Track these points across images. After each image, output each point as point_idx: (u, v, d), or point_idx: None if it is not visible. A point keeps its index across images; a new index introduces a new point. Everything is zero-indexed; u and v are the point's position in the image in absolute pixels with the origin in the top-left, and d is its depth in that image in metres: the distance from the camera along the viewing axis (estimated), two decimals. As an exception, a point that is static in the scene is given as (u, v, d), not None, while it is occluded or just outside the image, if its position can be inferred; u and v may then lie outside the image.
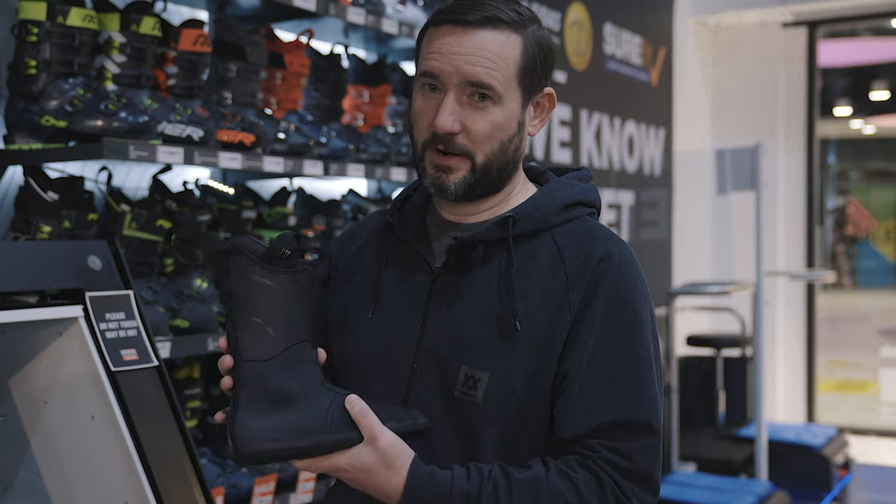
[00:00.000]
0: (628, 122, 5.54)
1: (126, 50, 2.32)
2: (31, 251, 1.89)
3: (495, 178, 1.48)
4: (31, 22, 2.18)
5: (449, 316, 1.47)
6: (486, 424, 1.43)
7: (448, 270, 1.49)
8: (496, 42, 1.43)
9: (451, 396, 1.44)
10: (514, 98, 1.46)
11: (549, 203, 1.50)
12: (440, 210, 1.56)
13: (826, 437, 5.53)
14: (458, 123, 1.43)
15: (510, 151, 1.48)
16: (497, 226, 1.47)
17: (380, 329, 1.52)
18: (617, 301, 1.44)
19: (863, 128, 8.48)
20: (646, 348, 1.45)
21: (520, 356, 1.42)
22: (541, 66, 1.48)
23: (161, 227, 2.39)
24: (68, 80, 2.23)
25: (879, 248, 8.31)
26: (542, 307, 1.43)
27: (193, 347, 2.33)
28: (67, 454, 1.89)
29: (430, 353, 1.47)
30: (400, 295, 1.52)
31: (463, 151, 1.44)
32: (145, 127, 2.24)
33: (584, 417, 1.40)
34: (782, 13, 6.40)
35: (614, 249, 1.48)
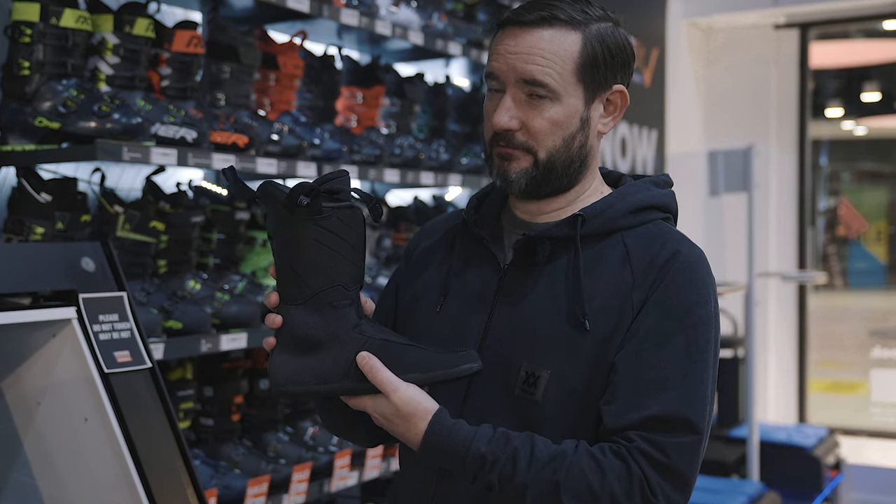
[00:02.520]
0: (621, 124, 5.55)
1: (119, 51, 2.32)
2: (24, 252, 1.89)
3: (560, 175, 1.49)
4: (25, 23, 2.19)
5: (514, 313, 1.48)
6: (546, 422, 1.44)
7: (515, 267, 1.51)
8: (552, 40, 1.45)
9: (511, 393, 1.45)
10: (575, 94, 1.47)
11: (619, 204, 1.50)
12: (514, 209, 1.57)
13: (817, 438, 5.54)
14: (515, 120, 1.46)
15: (574, 148, 1.48)
16: (565, 223, 1.49)
17: (446, 324, 1.54)
18: (676, 299, 1.44)
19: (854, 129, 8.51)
20: (700, 349, 1.43)
21: (582, 355, 1.43)
22: (605, 62, 1.48)
23: (154, 228, 2.39)
24: (62, 82, 2.23)
25: (870, 248, 8.32)
26: (607, 307, 1.44)
27: (187, 349, 2.33)
28: (61, 456, 1.89)
29: (494, 350, 1.48)
30: (468, 291, 1.54)
31: (524, 147, 1.47)
32: (139, 128, 2.24)
33: (627, 409, 1.40)
34: (774, 15, 6.41)
35: (682, 249, 1.48)
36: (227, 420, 2.64)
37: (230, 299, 2.51)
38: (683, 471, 1.38)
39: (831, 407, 6.88)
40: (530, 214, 1.55)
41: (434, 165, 3.28)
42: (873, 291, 8.28)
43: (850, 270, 7.89)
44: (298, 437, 2.84)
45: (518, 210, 1.57)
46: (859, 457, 5.99)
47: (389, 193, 3.59)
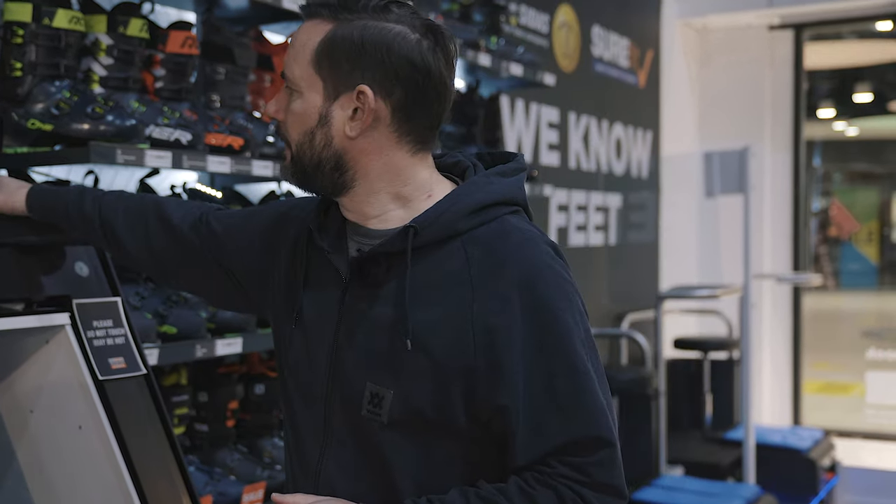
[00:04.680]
0: (616, 125, 5.53)
1: (113, 52, 2.29)
2: (16, 257, 1.85)
3: (312, 173, 1.44)
4: (17, 23, 2.15)
5: (356, 331, 1.43)
6: (395, 442, 1.39)
7: (356, 283, 1.44)
8: (303, 31, 1.43)
9: (358, 415, 1.40)
10: (313, 87, 1.40)
11: (455, 207, 1.40)
12: (344, 212, 1.50)
13: (812, 440, 5.54)
14: (280, 112, 1.45)
15: (317, 146, 1.41)
16: (398, 237, 1.39)
17: (301, 341, 1.50)
18: (537, 315, 1.36)
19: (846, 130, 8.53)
20: (581, 359, 1.37)
21: (422, 373, 1.37)
22: (348, 58, 1.38)
23: (148, 231, 2.35)
24: (54, 83, 2.19)
25: (862, 249, 8.34)
26: (445, 321, 1.37)
27: (181, 354, 2.30)
28: (54, 464, 1.86)
29: (340, 372, 1.43)
30: (316, 307, 1.49)
31: (285, 140, 1.46)
32: (133, 130, 2.20)
33: (534, 444, 1.35)
34: (769, 16, 6.41)
35: (530, 255, 1.39)
36: (222, 426, 2.61)
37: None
38: (611, 482, 1.36)
39: (825, 408, 6.88)
40: (358, 219, 1.47)
41: (430, 167, 3.24)
42: (865, 292, 8.31)
43: (842, 271, 7.89)
44: (294, 443, 2.81)
45: (347, 213, 1.49)
46: (854, 459, 5.99)
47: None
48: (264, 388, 2.72)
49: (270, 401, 2.73)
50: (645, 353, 4.87)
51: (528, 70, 3.77)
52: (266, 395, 2.72)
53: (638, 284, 5.81)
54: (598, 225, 5.32)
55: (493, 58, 3.56)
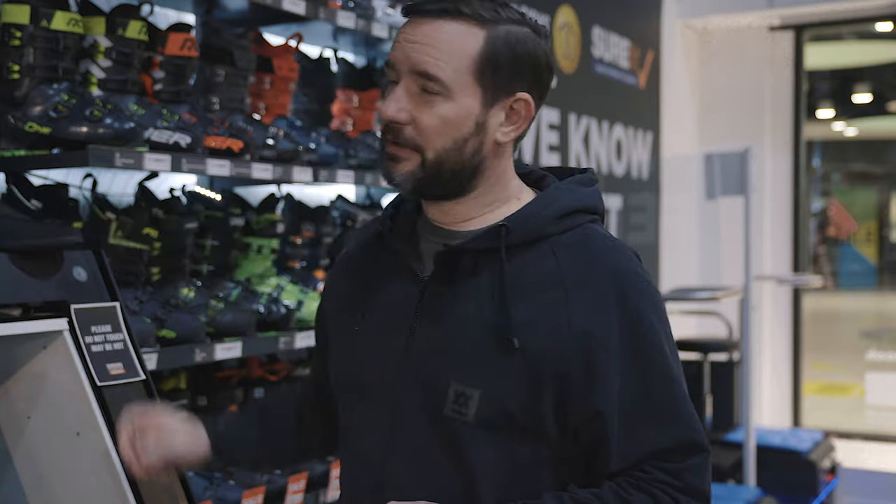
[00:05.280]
0: (616, 126, 5.52)
1: (112, 54, 2.28)
2: (14, 262, 1.83)
3: (449, 181, 1.40)
4: (14, 25, 2.13)
5: (437, 329, 1.41)
6: (478, 443, 1.37)
7: (437, 281, 1.42)
8: (451, 33, 1.36)
9: (440, 414, 1.38)
10: (470, 94, 1.37)
11: (544, 211, 1.41)
12: (429, 214, 1.49)
13: (812, 442, 5.52)
14: (404, 113, 1.37)
15: (467, 153, 1.39)
16: (489, 234, 1.40)
17: (364, 344, 1.47)
18: (630, 322, 1.38)
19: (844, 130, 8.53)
20: (669, 363, 1.40)
21: (513, 374, 1.36)
22: (509, 66, 1.38)
23: (148, 235, 2.34)
24: (52, 86, 2.18)
25: (861, 249, 8.35)
26: (539, 322, 1.36)
27: (180, 359, 2.29)
28: (52, 471, 1.84)
29: (417, 369, 1.41)
30: (387, 307, 1.46)
31: (412, 145, 1.38)
32: (132, 134, 2.19)
33: (630, 450, 1.36)
34: (769, 17, 6.40)
35: (620, 262, 1.41)
36: (222, 430, 2.59)
37: (224, 307, 2.47)
38: (702, 488, 1.38)
39: (824, 409, 6.88)
40: (448, 221, 1.46)
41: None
42: (863, 292, 8.31)
43: (841, 272, 7.89)
44: (293, 447, 2.79)
45: (433, 216, 1.48)
46: (855, 460, 5.98)
47: (386, 198, 3.54)
48: (263, 393, 2.70)
49: (270, 405, 2.72)
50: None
51: (528, 71, 3.76)
52: (265, 399, 2.71)
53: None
54: (598, 226, 5.30)
55: (494, 59, 3.55)
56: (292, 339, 2.59)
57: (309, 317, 2.69)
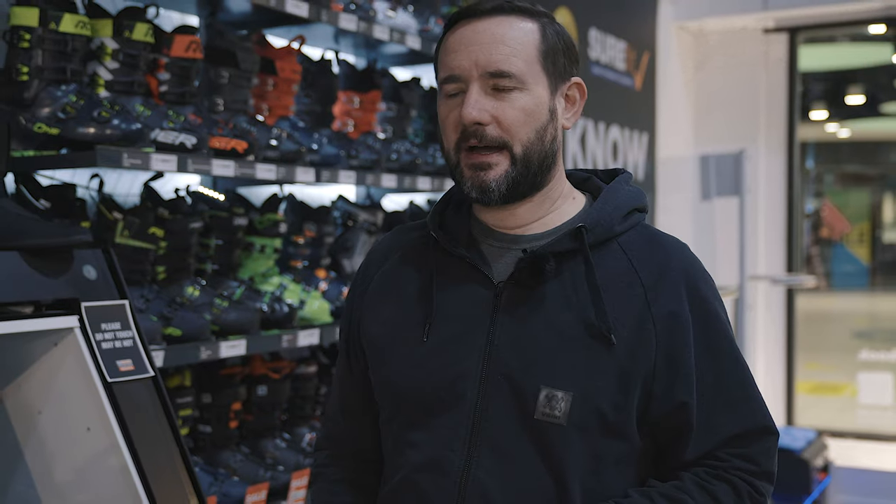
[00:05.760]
0: (613, 127, 5.55)
1: (119, 56, 2.31)
2: (25, 261, 1.87)
3: (536, 171, 1.42)
4: (24, 28, 2.16)
5: (521, 332, 1.41)
6: (571, 445, 1.38)
7: (514, 285, 1.42)
8: (513, 27, 1.40)
9: (530, 418, 1.38)
10: (541, 83, 1.41)
11: (613, 211, 1.45)
12: (484, 220, 1.49)
13: (806, 441, 5.57)
14: (486, 113, 1.39)
15: (547, 141, 1.42)
16: (569, 236, 1.42)
17: (437, 353, 1.44)
18: (703, 312, 1.43)
19: (838, 131, 8.57)
20: (737, 350, 1.45)
21: (605, 372, 1.38)
22: (564, 52, 1.44)
23: (154, 234, 2.37)
24: (61, 87, 2.21)
25: (853, 250, 8.38)
26: (624, 321, 1.39)
27: (186, 356, 2.32)
28: (62, 465, 1.88)
29: (502, 374, 1.40)
30: (458, 314, 1.44)
31: (499, 143, 1.40)
32: (138, 134, 2.22)
33: (706, 438, 1.41)
34: (764, 19, 6.44)
35: (686, 256, 1.47)
36: (226, 427, 2.63)
37: (228, 306, 2.50)
38: (774, 469, 1.44)
39: (817, 408, 6.92)
40: (508, 226, 1.48)
41: (430, 170, 3.27)
42: (856, 293, 8.34)
43: (834, 272, 7.93)
44: (296, 444, 2.83)
45: (491, 221, 1.49)
46: (847, 459, 6.03)
47: (386, 198, 3.58)
48: (266, 390, 2.74)
49: (272, 402, 2.75)
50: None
51: (526, 73, 3.80)
52: (268, 397, 2.74)
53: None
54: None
55: (493, 61, 3.59)
56: (295, 338, 2.63)
57: (311, 315, 2.72)
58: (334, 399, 1.62)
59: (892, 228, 8.68)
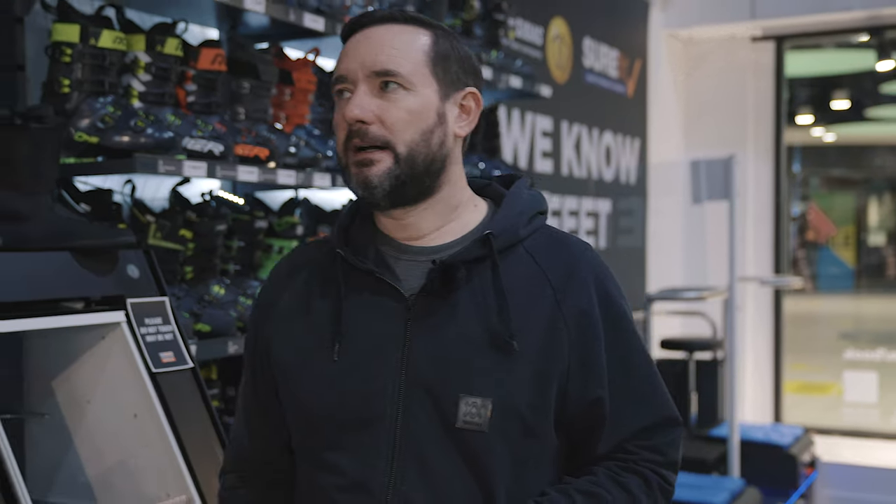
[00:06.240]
0: (606, 133, 5.73)
1: (151, 69, 2.46)
2: (76, 260, 2.02)
3: (423, 174, 1.40)
4: (65, 43, 2.31)
5: (435, 343, 1.40)
6: (495, 450, 1.38)
7: (425, 296, 1.41)
8: (402, 33, 1.41)
9: (452, 428, 1.38)
10: (428, 86, 1.41)
11: (518, 216, 1.46)
12: (390, 234, 1.48)
13: (793, 437, 5.74)
14: (369, 112, 1.38)
15: (433, 144, 1.41)
16: (478, 244, 1.42)
17: (350, 371, 1.42)
18: (611, 310, 1.45)
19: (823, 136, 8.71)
20: (642, 345, 1.49)
21: (520, 376, 1.39)
22: (457, 61, 1.44)
23: (183, 236, 2.52)
24: (99, 99, 2.36)
25: (839, 253, 8.51)
26: (535, 323, 1.40)
27: (215, 350, 2.47)
28: (110, 449, 2.02)
29: (420, 386, 1.39)
30: (370, 330, 1.43)
31: (381, 142, 1.38)
32: (171, 142, 2.37)
33: (617, 431, 1.44)
34: (752, 28, 6.63)
35: (591, 256, 1.49)
36: (248, 418, 2.77)
37: (252, 303, 2.65)
38: (678, 459, 1.50)
39: (803, 407, 7.10)
40: (410, 236, 1.46)
41: (436, 175, 3.42)
42: (841, 295, 8.46)
43: (819, 274, 8.06)
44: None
45: (395, 234, 1.47)
46: (833, 455, 6.21)
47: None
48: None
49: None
50: (634, 352, 5.04)
51: (526, 82, 3.96)
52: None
53: (626, 287, 5.99)
54: (589, 230, 5.51)
55: (494, 71, 3.75)
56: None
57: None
58: (240, 422, 1.60)
59: (877, 232, 8.82)
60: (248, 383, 1.57)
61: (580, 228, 5.40)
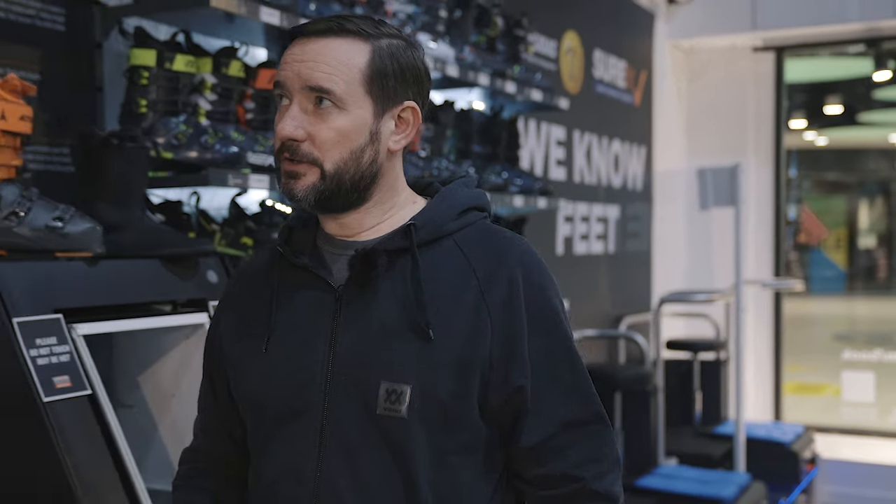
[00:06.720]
0: (614, 141, 5.94)
1: (217, 89, 2.66)
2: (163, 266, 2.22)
3: (349, 190, 1.43)
4: (143, 67, 2.51)
5: (359, 331, 1.42)
6: (415, 437, 1.40)
7: (352, 286, 1.44)
8: (339, 48, 1.40)
9: (373, 414, 1.40)
10: (363, 106, 1.41)
11: (445, 209, 1.48)
12: (329, 230, 1.51)
13: (794, 434, 5.95)
14: (301, 130, 1.39)
15: (364, 163, 1.42)
16: (399, 234, 1.44)
17: (279, 362, 1.46)
18: (538, 301, 1.45)
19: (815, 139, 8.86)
20: (572, 341, 1.49)
21: (440, 364, 1.40)
22: (395, 76, 1.43)
23: (244, 243, 2.73)
24: (172, 118, 2.56)
25: (830, 255, 8.62)
26: (458, 312, 1.41)
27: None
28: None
29: (345, 374, 1.42)
30: (301, 322, 1.46)
31: (309, 159, 1.40)
32: (237, 157, 2.57)
33: (541, 421, 1.44)
34: (753, 38, 6.84)
35: (521, 249, 1.48)
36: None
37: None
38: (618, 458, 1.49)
39: (801, 407, 7.30)
40: (348, 233, 1.49)
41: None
42: (833, 297, 8.57)
43: (811, 277, 8.19)
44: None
45: (333, 231, 1.50)
46: (833, 452, 6.42)
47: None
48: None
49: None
50: (644, 352, 5.26)
51: (545, 95, 4.17)
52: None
53: (633, 290, 6.24)
54: (599, 234, 5.73)
55: (518, 85, 3.96)
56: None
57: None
58: (198, 419, 1.69)
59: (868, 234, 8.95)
60: (205, 385, 1.64)
61: (591, 233, 5.61)
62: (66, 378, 1.87)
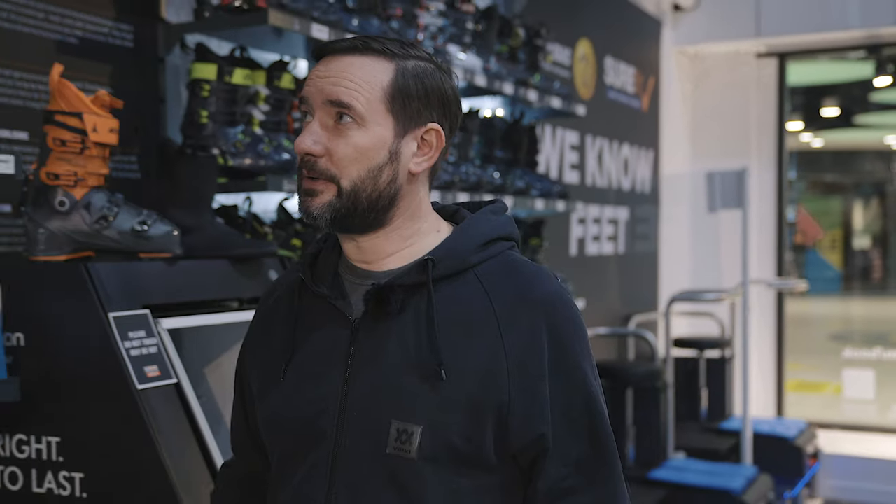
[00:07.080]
0: (624, 145, 6.13)
1: (270, 100, 2.83)
2: (231, 266, 2.40)
3: (367, 210, 1.39)
4: (204, 80, 2.68)
5: (373, 368, 1.39)
6: (423, 478, 1.36)
7: (368, 320, 1.41)
8: (362, 66, 1.39)
9: (383, 453, 1.36)
10: (383, 124, 1.39)
11: (466, 241, 1.43)
12: (350, 259, 1.47)
13: (798, 430, 6.13)
14: (319, 145, 1.38)
15: (382, 182, 1.39)
16: (415, 269, 1.40)
17: (299, 392, 1.45)
18: (559, 343, 1.39)
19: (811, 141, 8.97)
20: (593, 386, 1.43)
21: (453, 406, 1.35)
22: (419, 97, 1.40)
23: (294, 244, 2.90)
24: (231, 128, 2.73)
25: (826, 256, 8.72)
26: (473, 351, 1.36)
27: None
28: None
29: (357, 410, 1.39)
30: (316, 353, 1.45)
31: (326, 175, 1.38)
32: (289, 164, 2.75)
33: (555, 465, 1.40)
34: (756, 45, 7.02)
35: (547, 284, 1.42)
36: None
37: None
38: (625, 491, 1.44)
39: (802, 405, 7.48)
40: (368, 259, 1.45)
41: (491, 188, 3.82)
42: (829, 297, 8.69)
43: (807, 277, 8.32)
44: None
45: (353, 256, 1.46)
46: (834, 447, 6.60)
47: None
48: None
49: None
50: (654, 350, 5.45)
51: (564, 102, 4.35)
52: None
53: (642, 289, 6.43)
54: (609, 235, 5.92)
55: (539, 93, 4.14)
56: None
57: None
58: (231, 436, 1.70)
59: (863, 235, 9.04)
60: (237, 402, 1.66)
61: (602, 234, 5.80)
62: (156, 368, 2.05)
